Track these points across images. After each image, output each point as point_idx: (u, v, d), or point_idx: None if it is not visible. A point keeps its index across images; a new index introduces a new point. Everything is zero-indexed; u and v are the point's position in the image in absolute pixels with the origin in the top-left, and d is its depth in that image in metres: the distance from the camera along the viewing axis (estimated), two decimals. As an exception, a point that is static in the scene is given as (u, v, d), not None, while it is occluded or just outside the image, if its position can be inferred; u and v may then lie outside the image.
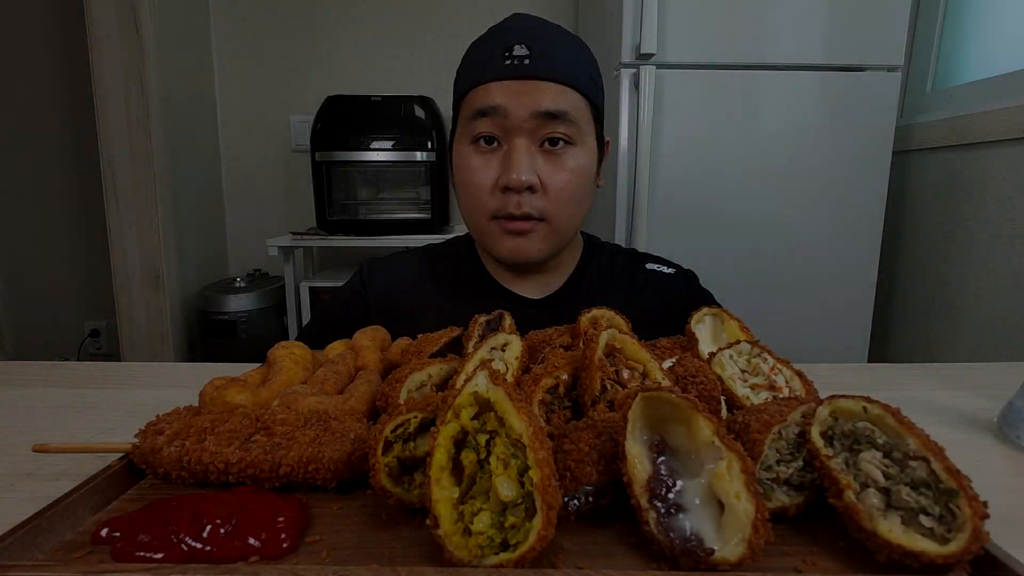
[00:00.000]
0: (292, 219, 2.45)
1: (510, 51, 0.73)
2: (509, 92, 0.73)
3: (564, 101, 0.73)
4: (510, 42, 0.74)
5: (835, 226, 1.56)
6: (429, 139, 2.00)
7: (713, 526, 0.34)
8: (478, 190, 0.76)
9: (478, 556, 0.32)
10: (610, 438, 0.39)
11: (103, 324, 2.48)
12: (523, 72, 0.73)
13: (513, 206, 0.74)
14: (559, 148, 0.75)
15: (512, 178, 0.72)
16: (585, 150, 0.77)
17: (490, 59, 0.75)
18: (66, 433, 0.56)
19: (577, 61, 0.77)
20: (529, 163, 0.73)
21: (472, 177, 0.77)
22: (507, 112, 0.73)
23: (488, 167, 0.76)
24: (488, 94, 0.74)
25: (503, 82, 0.73)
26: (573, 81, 0.75)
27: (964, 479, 0.33)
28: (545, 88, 0.73)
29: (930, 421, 0.59)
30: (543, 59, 0.73)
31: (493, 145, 0.76)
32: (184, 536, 0.34)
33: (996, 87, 1.47)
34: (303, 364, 0.58)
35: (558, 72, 0.74)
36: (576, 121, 0.75)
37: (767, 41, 1.49)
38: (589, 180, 0.79)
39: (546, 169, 0.75)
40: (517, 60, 0.73)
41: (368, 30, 2.32)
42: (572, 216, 0.79)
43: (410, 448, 0.40)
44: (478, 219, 0.79)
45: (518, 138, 0.74)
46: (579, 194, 0.78)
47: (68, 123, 2.34)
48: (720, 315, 0.62)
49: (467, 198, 0.79)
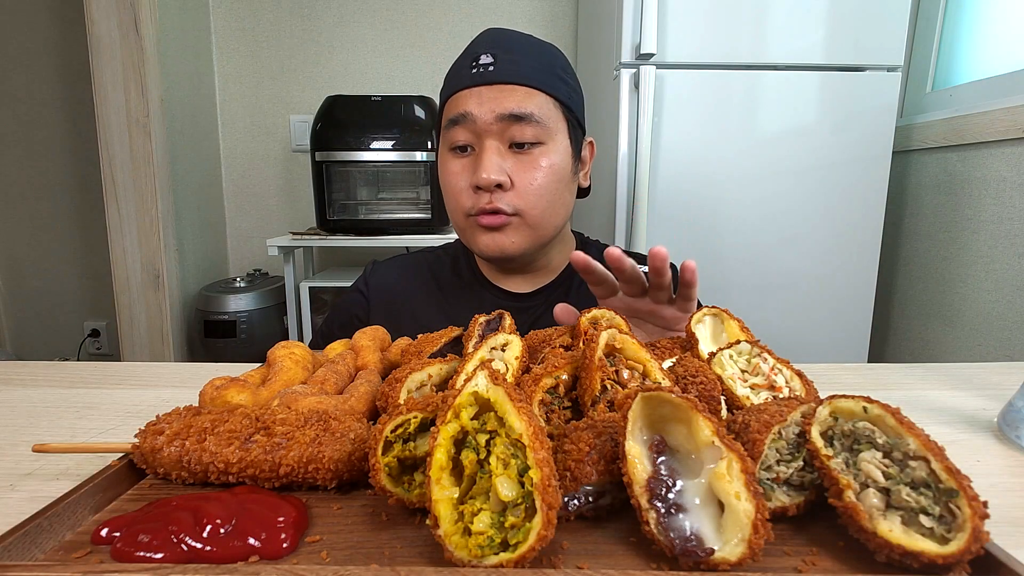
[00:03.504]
0: (292, 219, 2.45)
1: (476, 60, 0.79)
2: (476, 98, 0.78)
3: (530, 103, 0.78)
4: (477, 52, 0.80)
5: (835, 226, 1.56)
6: (429, 139, 2.00)
7: (713, 526, 0.34)
8: (456, 192, 0.82)
9: (478, 556, 0.32)
10: (610, 438, 0.39)
11: (103, 324, 2.48)
12: (488, 79, 0.78)
13: (485, 202, 0.79)
14: (528, 149, 0.79)
15: (481, 177, 0.77)
16: (556, 149, 0.81)
17: (460, 70, 0.81)
18: (66, 433, 0.56)
19: (543, 65, 0.81)
20: (498, 163, 0.78)
21: (450, 181, 0.82)
22: (475, 117, 0.78)
23: (463, 171, 0.81)
24: (458, 103, 0.79)
25: (471, 89, 0.79)
26: (538, 83, 0.79)
27: (964, 479, 0.33)
28: (510, 92, 0.78)
29: (930, 421, 0.59)
30: (507, 65, 0.78)
31: (468, 152, 0.81)
32: (184, 536, 0.34)
33: (996, 87, 1.47)
34: (303, 364, 0.58)
35: (522, 76, 0.78)
36: (543, 121, 0.79)
37: (767, 41, 1.49)
38: (563, 178, 0.82)
39: (516, 168, 0.79)
40: (482, 68, 0.79)
41: (368, 30, 2.32)
42: (547, 212, 0.82)
43: (410, 448, 0.40)
44: (458, 218, 0.84)
45: (488, 140, 0.79)
46: (551, 191, 0.81)
47: (68, 123, 2.34)
48: (720, 315, 0.62)
49: (448, 200, 0.85)
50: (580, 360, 0.48)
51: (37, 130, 2.35)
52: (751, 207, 1.55)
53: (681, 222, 1.55)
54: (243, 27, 2.32)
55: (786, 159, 1.53)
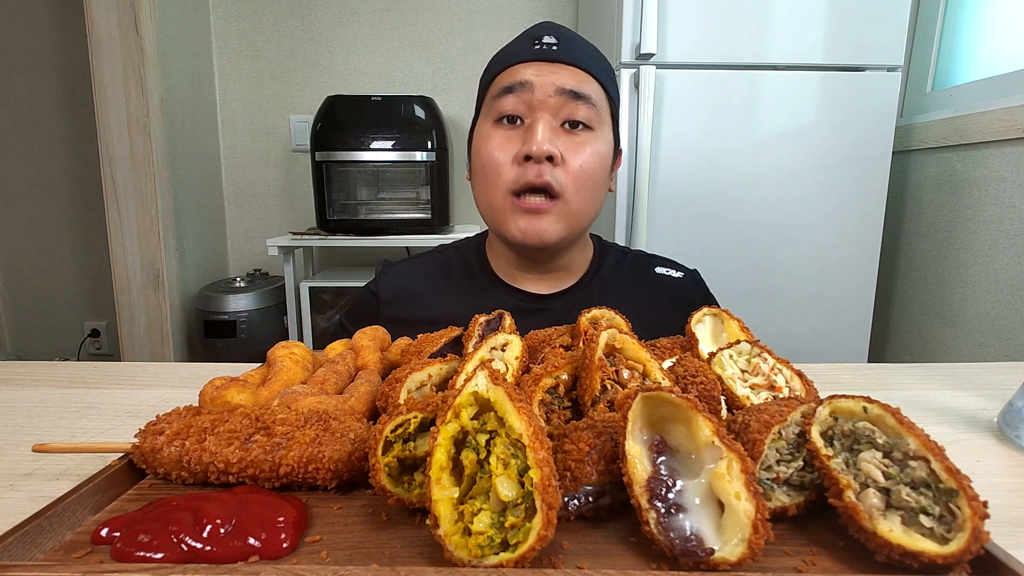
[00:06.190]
0: (292, 219, 2.45)
1: (539, 40, 0.79)
2: (536, 70, 0.77)
3: (588, 86, 0.78)
4: (539, 33, 0.80)
5: (835, 226, 1.56)
6: (429, 139, 2.00)
7: (713, 526, 0.34)
8: (498, 165, 0.78)
9: (478, 556, 0.32)
10: (610, 438, 0.39)
11: (103, 324, 2.48)
12: (550, 56, 0.78)
13: (533, 175, 0.76)
14: (580, 131, 0.78)
15: (534, 147, 0.74)
16: (603, 138, 0.81)
17: (518, 48, 0.80)
18: (66, 433, 0.56)
19: (599, 59, 0.83)
20: (551, 136, 0.76)
21: (492, 153, 0.79)
22: (534, 87, 0.76)
23: (510, 143, 0.78)
24: (516, 72, 0.78)
25: (531, 63, 0.78)
26: (596, 72, 0.80)
27: (964, 479, 0.33)
28: (572, 71, 0.78)
29: (930, 421, 0.59)
30: (570, 48, 0.79)
31: (516, 124, 0.79)
32: (184, 536, 0.34)
33: (996, 87, 1.47)
34: (303, 364, 0.58)
35: (583, 62, 0.79)
36: (597, 106, 0.79)
37: (767, 41, 1.49)
38: (604, 169, 0.82)
39: (566, 147, 0.78)
40: (546, 46, 0.78)
41: (368, 30, 2.32)
42: (587, 201, 0.80)
43: (410, 448, 0.40)
44: (494, 197, 0.80)
45: (541, 113, 0.77)
46: (595, 179, 0.80)
47: (68, 123, 2.34)
48: (720, 315, 0.62)
49: (485, 175, 0.80)
50: (580, 360, 0.48)
51: (37, 130, 2.35)
52: (751, 207, 1.55)
53: (681, 222, 1.55)
54: (243, 27, 2.32)
55: (786, 159, 1.53)
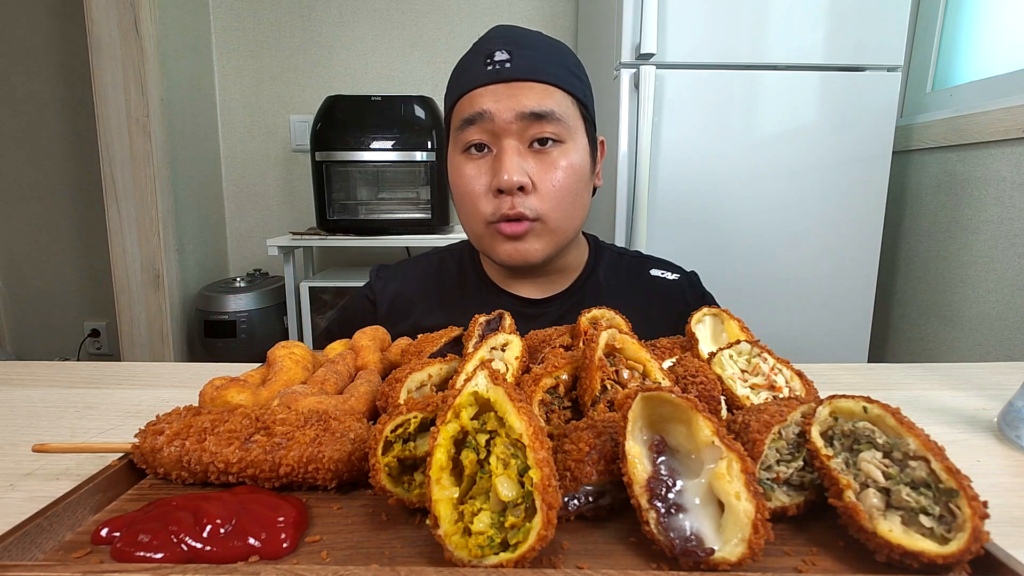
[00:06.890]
0: (292, 219, 2.45)
1: (491, 57, 0.75)
2: (493, 96, 0.74)
3: (549, 100, 0.74)
4: (490, 49, 0.76)
5: (835, 226, 1.56)
6: (429, 139, 2.00)
7: (713, 526, 0.34)
8: (473, 197, 0.77)
9: (478, 556, 0.32)
10: (610, 438, 0.39)
11: (103, 324, 2.48)
12: (505, 76, 0.74)
13: (507, 207, 0.75)
14: (548, 147, 0.76)
15: (503, 179, 0.73)
16: (576, 148, 0.78)
17: (473, 68, 0.76)
18: (66, 433, 0.56)
19: (559, 62, 0.78)
20: (519, 164, 0.74)
21: (466, 185, 0.78)
22: (493, 116, 0.74)
23: (480, 174, 0.77)
24: (473, 101, 0.75)
25: (487, 87, 0.74)
26: (556, 80, 0.76)
27: (964, 479, 0.33)
28: (529, 89, 0.74)
29: (930, 421, 0.59)
30: (524, 61, 0.75)
31: (484, 152, 0.77)
32: (184, 536, 0.34)
33: (996, 87, 1.47)
34: (303, 364, 0.58)
35: (540, 73, 0.75)
36: (563, 119, 0.75)
37: (767, 41, 1.49)
38: (583, 178, 0.79)
39: (537, 169, 0.76)
40: (498, 64, 0.74)
41: (368, 30, 2.32)
42: (568, 214, 0.79)
43: (410, 448, 0.40)
44: (476, 226, 0.80)
45: (507, 140, 0.74)
46: (573, 192, 0.78)
47: (68, 123, 2.34)
48: (720, 315, 0.62)
49: (463, 206, 0.80)
50: (580, 360, 0.48)
51: (37, 130, 2.35)
52: (751, 207, 1.55)
53: (681, 222, 1.55)
54: (243, 27, 2.32)
55: (786, 159, 1.53)
